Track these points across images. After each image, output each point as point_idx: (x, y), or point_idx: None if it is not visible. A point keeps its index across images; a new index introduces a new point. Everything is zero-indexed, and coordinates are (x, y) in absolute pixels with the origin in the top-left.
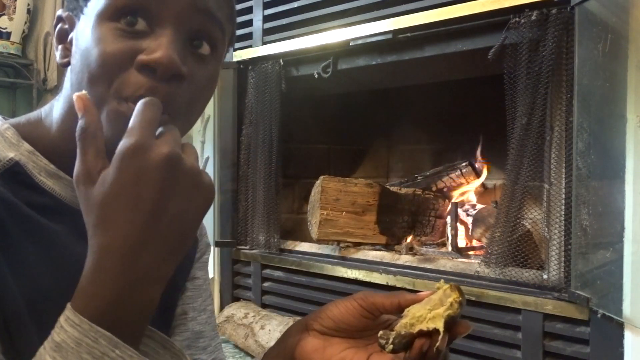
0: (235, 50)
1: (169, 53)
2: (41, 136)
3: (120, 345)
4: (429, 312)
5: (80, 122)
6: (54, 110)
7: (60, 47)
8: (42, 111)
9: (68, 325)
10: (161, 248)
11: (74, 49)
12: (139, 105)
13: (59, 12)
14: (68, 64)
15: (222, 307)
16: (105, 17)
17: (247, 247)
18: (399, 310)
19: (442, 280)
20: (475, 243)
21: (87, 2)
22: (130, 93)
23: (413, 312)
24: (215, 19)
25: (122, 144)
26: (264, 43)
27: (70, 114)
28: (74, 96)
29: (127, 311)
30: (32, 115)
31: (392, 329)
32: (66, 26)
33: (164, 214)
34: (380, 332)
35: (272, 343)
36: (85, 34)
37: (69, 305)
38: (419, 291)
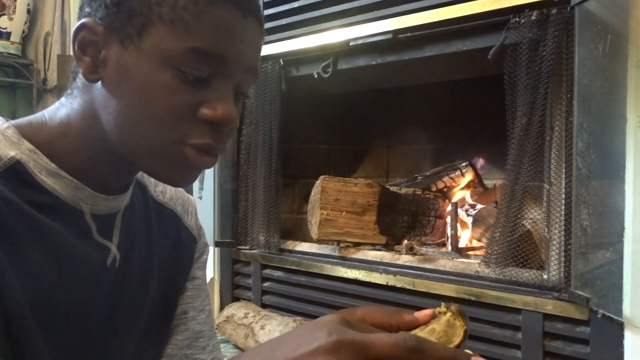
0: None
1: (232, 112)
2: (43, 137)
3: None
4: None
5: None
6: (60, 113)
7: (86, 59)
8: (46, 114)
9: None
10: None
11: (113, 72)
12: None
13: (86, 20)
14: (97, 80)
15: (222, 307)
16: (170, 65)
17: (247, 247)
18: (398, 331)
19: (442, 304)
20: (475, 243)
21: (142, 35)
22: (196, 141)
23: None
24: (258, 74)
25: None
26: (264, 43)
27: (86, 129)
28: None
29: None
30: (34, 117)
31: None
32: (95, 38)
33: None
34: None
35: None
36: (141, 72)
37: None
38: (419, 291)
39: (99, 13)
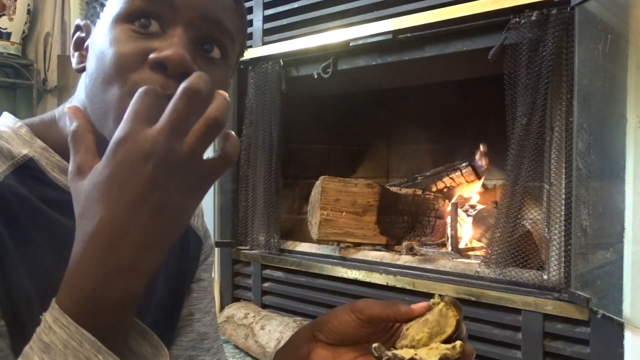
0: None
1: (179, 51)
2: (55, 135)
3: (103, 350)
4: (428, 336)
5: (71, 127)
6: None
7: (76, 53)
8: (56, 112)
9: (57, 326)
10: (143, 239)
11: (89, 53)
12: (136, 94)
13: (77, 21)
14: (83, 69)
15: (222, 308)
16: (119, 20)
17: (247, 247)
18: (396, 322)
19: (436, 295)
20: (475, 243)
21: (103, 7)
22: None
23: (412, 335)
24: (225, 28)
25: (114, 136)
26: (264, 43)
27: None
28: (66, 109)
29: (109, 302)
30: (46, 116)
31: (393, 347)
32: (83, 34)
33: (146, 206)
34: (375, 345)
35: (272, 343)
36: (100, 37)
37: (55, 303)
38: (419, 292)
39: (86, 12)
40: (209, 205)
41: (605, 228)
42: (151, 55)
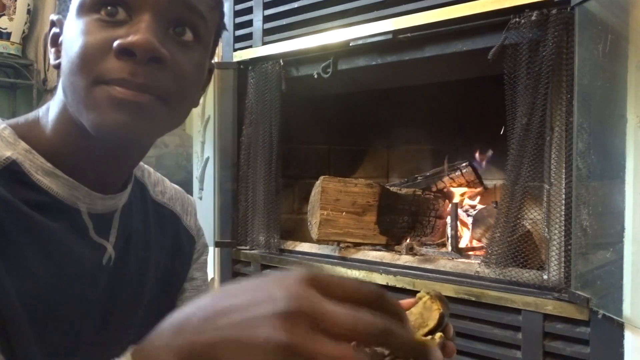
0: (235, 50)
1: (145, 36)
2: (38, 136)
3: None
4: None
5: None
6: (49, 110)
7: (53, 50)
8: (40, 111)
9: None
10: None
11: (62, 48)
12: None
13: (52, 16)
14: (60, 65)
15: None
16: (85, 10)
17: (247, 247)
18: None
19: (422, 290)
20: (475, 243)
21: (71, 2)
22: (112, 76)
23: None
24: (195, 9)
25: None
26: (264, 43)
27: (63, 114)
28: None
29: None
30: (30, 115)
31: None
32: (58, 30)
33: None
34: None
35: None
36: (69, 30)
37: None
38: (419, 292)
39: (59, 7)
40: (209, 205)
41: (605, 228)
42: (116, 42)
